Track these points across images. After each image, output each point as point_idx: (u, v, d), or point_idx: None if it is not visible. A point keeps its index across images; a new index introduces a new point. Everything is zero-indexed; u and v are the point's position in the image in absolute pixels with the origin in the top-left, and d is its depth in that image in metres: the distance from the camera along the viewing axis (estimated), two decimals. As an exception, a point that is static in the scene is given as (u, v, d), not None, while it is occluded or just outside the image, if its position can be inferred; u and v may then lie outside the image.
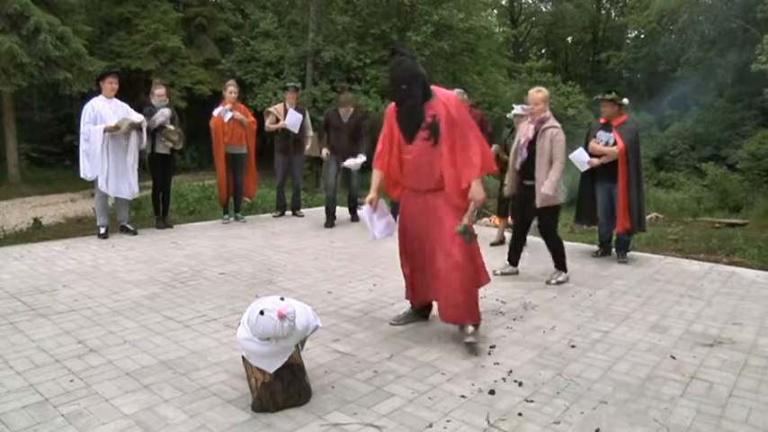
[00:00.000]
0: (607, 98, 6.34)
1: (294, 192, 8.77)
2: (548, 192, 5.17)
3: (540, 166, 5.23)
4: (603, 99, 6.36)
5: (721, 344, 4.05)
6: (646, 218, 6.35)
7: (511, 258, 5.77)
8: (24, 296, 4.67)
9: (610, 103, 6.26)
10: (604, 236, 6.59)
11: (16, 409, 2.91)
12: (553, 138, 5.19)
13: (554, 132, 5.21)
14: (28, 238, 7.26)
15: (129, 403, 3.00)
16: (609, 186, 6.24)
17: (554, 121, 5.30)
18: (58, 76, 15.32)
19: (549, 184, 5.16)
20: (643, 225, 6.37)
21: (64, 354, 3.59)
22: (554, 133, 5.21)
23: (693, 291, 5.36)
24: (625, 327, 4.35)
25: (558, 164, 5.18)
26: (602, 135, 6.27)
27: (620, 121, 6.25)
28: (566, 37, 36.47)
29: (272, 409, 2.93)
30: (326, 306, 4.62)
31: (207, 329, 4.06)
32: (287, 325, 2.81)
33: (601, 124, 6.39)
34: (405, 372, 3.48)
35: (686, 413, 3.05)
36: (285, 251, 6.43)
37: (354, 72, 20.55)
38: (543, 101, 5.30)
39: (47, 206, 12.61)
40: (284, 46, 20.81)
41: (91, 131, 6.57)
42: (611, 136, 6.18)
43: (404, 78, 3.70)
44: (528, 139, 5.34)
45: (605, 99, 6.34)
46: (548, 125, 5.26)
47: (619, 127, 6.20)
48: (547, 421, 2.93)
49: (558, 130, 5.25)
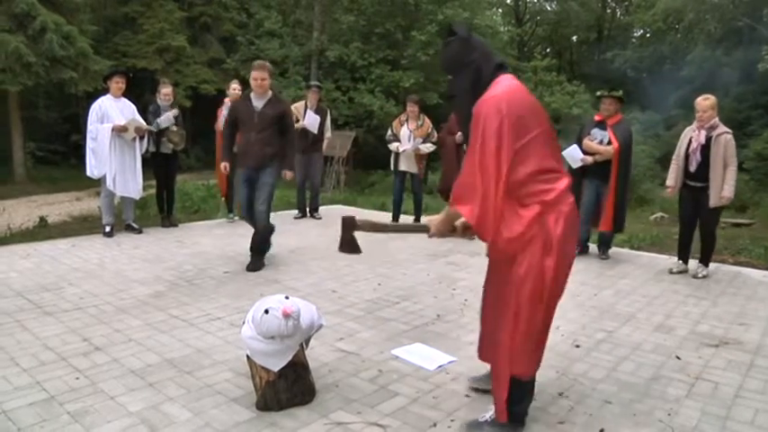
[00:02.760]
0: (614, 95, 6.37)
1: (313, 194, 8.70)
2: (730, 195, 5.56)
3: (714, 170, 5.54)
4: (610, 96, 6.36)
5: (727, 344, 4.04)
6: (624, 218, 6.41)
7: (682, 257, 6.03)
8: (31, 294, 4.69)
9: (615, 101, 6.27)
10: (583, 235, 6.54)
11: (23, 407, 2.92)
12: (727, 143, 5.53)
13: (728, 138, 5.54)
14: (34, 236, 7.28)
15: (135, 401, 3.01)
16: (597, 184, 6.29)
17: (724, 127, 5.60)
18: (63, 75, 15.36)
19: (729, 188, 5.54)
20: (622, 226, 6.43)
21: (70, 351, 3.61)
22: (728, 139, 5.54)
23: (699, 291, 5.35)
24: (630, 327, 4.34)
25: (734, 168, 5.56)
26: (597, 133, 6.29)
27: (615, 120, 6.28)
28: (571, 36, 36.37)
29: (277, 407, 2.94)
30: (331, 305, 4.62)
31: (212, 328, 4.07)
32: (291, 324, 2.81)
33: (595, 122, 6.41)
34: (409, 371, 3.48)
35: (691, 414, 3.04)
36: (289, 250, 6.44)
37: (359, 71, 20.55)
38: (711, 108, 5.59)
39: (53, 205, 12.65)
40: (289, 45, 20.85)
41: (98, 130, 6.60)
42: (605, 134, 6.21)
43: (447, 66, 2.85)
44: (700, 144, 5.62)
45: (612, 96, 6.35)
46: (720, 131, 5.56)
47: (614, 126, 6.23)
48: (551, 421, 2.92)
49: (731, 135, 5.58)
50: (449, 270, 5.82)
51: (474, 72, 2.70)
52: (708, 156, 5.58)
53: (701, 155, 5.63)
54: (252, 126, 5.48)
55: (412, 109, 7.80)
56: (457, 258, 6.29)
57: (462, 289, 5.16)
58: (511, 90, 2.61)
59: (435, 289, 5.17)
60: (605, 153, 6.11)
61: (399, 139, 7.83)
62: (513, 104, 2.54)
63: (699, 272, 5.84)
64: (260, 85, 5.40)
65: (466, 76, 2.73)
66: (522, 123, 2.53)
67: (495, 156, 2.49)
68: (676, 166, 5.86)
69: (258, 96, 5.49)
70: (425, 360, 3.62)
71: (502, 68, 2.72)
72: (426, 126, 7.80)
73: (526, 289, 2.59)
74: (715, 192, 5.57)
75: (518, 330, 2.63)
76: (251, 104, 5.50)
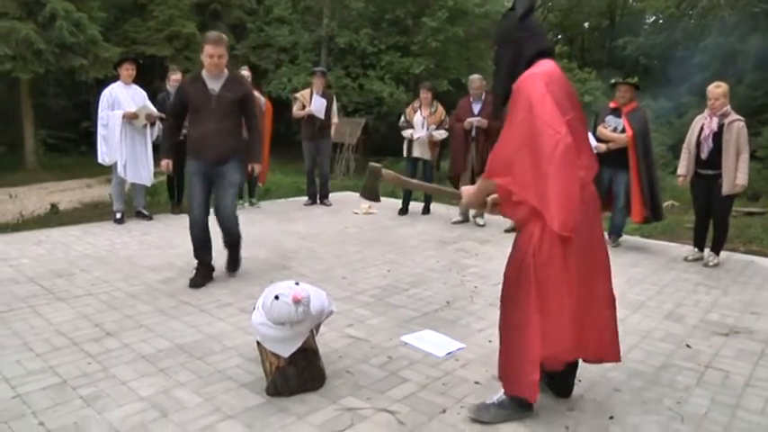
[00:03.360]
0: (630, 82, 6.35)
1: (322, 180, 8.69)
2: (743, 182, 5.54)
3: (726, 157, 5.52)
4: (625, 83, 6.34)
5: (738, 333, 4.02)
6: (662, 206, 6.34)
7: (698, 244, 6.04)
8: (43, 280, 4.73)
9: (631, 88, 6.24)
10: None
11: (37, 390, 2.95)
12: (739, 130, 5.51)
13: (740, 125, 5.52)
14: (45, 223, 7.33)
15: (146, 386, 3.03)
16: (611, 172, 6.23)
17: (736, 115, 5.61)
18: (73, 62, 15.37)
19: (743, 176, 5.51)
20: (659, 215, 6.32)
21: (82, 337, 3.64)
22: (740, 126, 5.52)
23: (709, 279, 5.32)
24: (640, 314, 4.33)
25: (746, 155, 5.54)
26: (612, 120, 6.25)
27: (630, 108, 6.21)
28: (582, 23, 36.01)
29: (287, 393, 2.95)
30: (341, 291, 4.63)
31: (222, 314, 4.09)
32: (301, 310, 2.82)
33: (610, 109, 6.37)
34: (418, 357, 3.49)
35: (701, 402, 3.04)
36: (300, 236, 6.45)
37: (369, 58, 20.45)
38: (723, 95, 5.59)
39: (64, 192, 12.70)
40: (298, 32, 20.75)
41: (109, 117, 6.62)
42: (620, 122, 6.17)
43: (496, 37, 2.90)
44: (712, 131, 5.60)
45: (627, 83, 6.32)
46: (733, 118, 5.55)
47: (629, 113, 6.17)
48: (560, 408, 2.93)
49: (744, 123, 5.57)
50: (458, 257, 5.82)
51: (516, 49, 2.73)
52: (720, 143, 5.55)
53: (712, 142, 5.60)
54: (209, 113, 4.48)
55: (425, 96, 7.77)
56: (467, 245, 6.28)
57: (472, 276, 5.16)
58: (551, 71, 2.65)
59: (445, 276, 5.17)
60: (619, 141, 6.07)
61: (413, 125, 7.81)
62: (553, 83, 2.58)
63: (710, 260, 5.82)
64: (216, 63, 4.41)
65: (508, 50, 2.76)
66: (561, 103, 2.56)
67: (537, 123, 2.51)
68: (687, 155, 5.83)
69: (213, 77, 4.50)
70: (435, 347, 3.63)
71: (546, 54, 2.74)
72: (439, 113, 7.77)
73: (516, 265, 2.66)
74: (728, 179, 5.54)
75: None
76: (205, 86, 4.48)
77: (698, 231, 6.04)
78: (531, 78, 2.60)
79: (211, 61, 4.40)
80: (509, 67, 2.74)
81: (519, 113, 2.58)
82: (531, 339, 2.58)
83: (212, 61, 4.40)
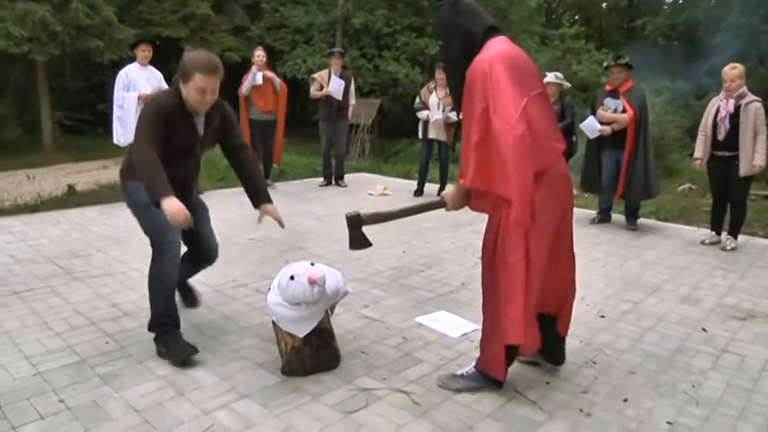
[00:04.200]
0: (621, 63, 6.42)
1: (338, 161, 8.70)
2: (762, 163, 5.47)
3: (744, 138, 5.48)
4: (617, 65, 6.41)
5: (755, 317, 3.99)
6: (655, 184, 6.38)
7: (715, 228, 6.00)
8: (61, 260, 4.78)
9: (623, 68, 6.31)
10: (605, 203, 6.68)
11: (57, 368, 3.00)
12: (756, 111, 5.48)
13: (757, 106, 5.49)
14: (63, 204, 7.39)
15: (162, 365, 3.07)
16: (616, 154, 6.31)
17: (753, 96, 5.55)
18: (89, 44, 15.40)
19: (761, 156, 5.45)
20: (651, 192, 6.34)
21: (99, 316, 3.68)
22: (757, 107, 5.49)
23: (727, 263, 5.27)
24: (655, 298, 4.31)
25: (764, 136, 5.45)
26: (611, 102, 6.33)
27: (627, 87, 6.29)
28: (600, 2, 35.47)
29: (302, 373, 2.98)
30: (356, 272, 4.64)
31: (238, 294, 4.12)
32: (317, 290, 2.83)
33: (607, 91, 6.44)
34: (433, 338, 3.50)
35: (716, 386, 3.03)
36: (315, 217, 6.47)
37: (384, 39, 20.32)
38: (739, 77, 5.56)
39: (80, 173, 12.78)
40: (314, 12, 20.62)
41: (125, 98, 6.65)
42: (619, 102, 6.25)
43: (437, 33, 2.83)
44: (729, 112, 5.57)
45: (619, 64, 6.39)
46: (749, 99, 5.52)
47: (626, 93, 6.25)
48: (574, 390, 2.93)
49: (760, 103, 5.50)
50: (473, 238, 5.80)
51: (464, 36, 2.66)
52: (737, 124, 5.51)
53: (729, 123, 5.56)
54: (192, 155, 3.35)
55: (441, 76, 7.70)
56: (482, 227, 6.19)
57: (486, 259, 5.14)
58: (503, 51, 2.58)
59: (460, 257, 5.17)
60: (621, 121, 6.16)
61: (428, 107, 7.77)
62: (506, 64, 2.51)
63: (727, 244, 5.77)
64: (209, 101, 3.11)
65: (455, 40, 2.68)
66: (518, 83, 2.51)
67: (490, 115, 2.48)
68: (704, 137, 5.79)
69: (200, 110, 3.18)
70: (449, 328, 3.63)
71: (494, 31, 2.68)
72: None
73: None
74: (745, 160, 5.48)
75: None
76: (194, 129, 3.22)
77: (715, 214, 5.98)
78: (482, 65, 2.53)
79: (203, 98, 3.07)
80: (463, 56, 2.65)
81: (476, 105, 2.53)
82: (500, 323, 2.65)
83: (204, 99, 3.07)
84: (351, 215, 2.90)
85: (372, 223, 2.94)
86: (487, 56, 2.54)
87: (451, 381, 2.92)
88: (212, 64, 3.04)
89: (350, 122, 8.96)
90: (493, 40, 2.63)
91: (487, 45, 2.61)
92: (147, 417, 2.60)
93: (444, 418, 2.65)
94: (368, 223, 2.94)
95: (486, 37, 2.63)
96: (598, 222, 6.63)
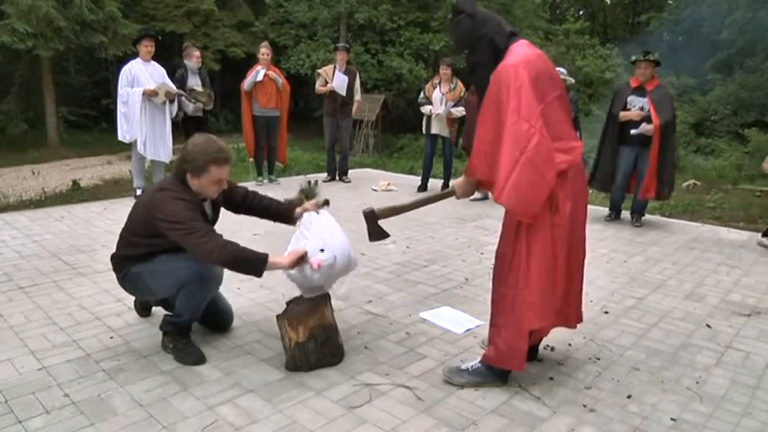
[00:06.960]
0: (650, 59, 6.05)
1: (342, 157, 8.69)
2: None
3: None
4: (645, 60, 6.04)
5: (759, 314, 3.98)
6: (670, 187, 6.18)
7: None
8: (65, 255, 4.79)
9: (651, 65, 6.01)
10: (618, 201, 6.47)
11: (62, 363, 3.02)
12: None
13: None
14: (67, 199, 7.42)
15: (166, 360, 3.08)
16: (637, 150, 6.07)
17: None
18: (93, 39, 15.45)
19: None
20: (670, 191, 6.23)
21: (104, 311, 3.69)
22: None
23: (731, 259, 5.26)
24: (660, 294, 4.30)
25: None
26: (636, 100, 6.05)
27: (654, 85, 6.02)
28: (605, -2, 35.38)
29: (306, 368, 2.99)
30: (360, 268, 4.61)
31: (242, 289, 4.13)
32: (317, 277, 2.87)
33: (632, 88, 6.12)
34: (437, 334, 3.50)
35: (720, 382, 3.02)
36: (318, 214, 6.46)
37: (388, 34, 20.30)
38: None
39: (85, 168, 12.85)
40: (318, 7, 20.61)
41: (129, 94, 6.63)
42: (644, 101, 5.97)
43: (461, 44, 2.87)
44: None
45: (647, 60, 6.03)
46: None
47: (652, 91, 5.97)
48: (578, 386, 2.93)
49: None
50: (477, 234, 5.80)
51: (489, 44, 2.76)
52: None
53: None
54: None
55: (445, 72, 7.70)
56: (486, 223, 6.26)
57: (490, 253, 5.10)
58: (527, 55, 2.67)
59: (463, 253, 5.17)
60: (647, 132, 5.89)
61: (431, 102, 7.76)
62: (530, 68, 2.61)
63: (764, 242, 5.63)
64: (222, 188, 3.10)
65: (482, 49, 2.78)
66: (539, 88, 2.61)
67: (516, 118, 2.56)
68: None
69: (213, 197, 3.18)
70: (453, 323, 3.64)
71: (514, 36, 2.79)
72: (459, 89, 7.71)
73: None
74: None
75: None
76: (203, 209, 3.13)
77: None
78: (507, 69, 2.62)
79: (220, 187, 3.07)
80: (490, 63, 2.73)
81: (501, 107, 2.60)
82: (522, 313, 2.72)
83: (220, 187, 3.08)
84: (366, 211, 3.09)
85: (387, 216, 3.10)
86: (512, 61, 2.64)
87: (456, 375, 2.94)
88: (225, 153, 2.99)
89: (354, 118, 8.95)
90: (515, 45, 2.73)
91: (511, 50, 2.71)
92: (152, 411, 2.61)
93: (448, 414, 2.66)
94: (383, 217, 3.11)
95: (508, 42, 2.74)
96: (613, 220, 6.49)
